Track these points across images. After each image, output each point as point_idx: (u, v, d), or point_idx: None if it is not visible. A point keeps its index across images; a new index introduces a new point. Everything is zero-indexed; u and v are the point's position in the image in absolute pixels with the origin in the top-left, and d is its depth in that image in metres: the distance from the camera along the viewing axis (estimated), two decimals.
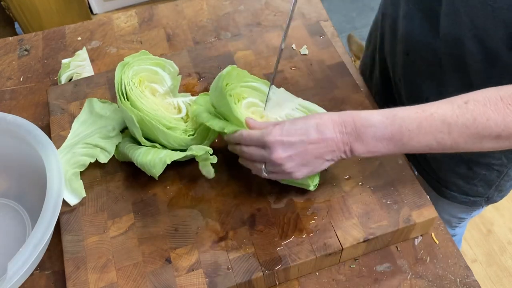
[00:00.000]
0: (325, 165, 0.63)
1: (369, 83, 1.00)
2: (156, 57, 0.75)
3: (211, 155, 0.66)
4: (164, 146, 0.70)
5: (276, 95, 0.74)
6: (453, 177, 0.87)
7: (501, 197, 0.91)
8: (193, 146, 0.68)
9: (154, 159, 0.66)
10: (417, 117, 0.57)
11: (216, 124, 0.67)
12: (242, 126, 0.66)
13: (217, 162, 0.72)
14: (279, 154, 0.60)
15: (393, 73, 0.88)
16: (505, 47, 0.61)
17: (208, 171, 0.69)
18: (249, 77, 0.72)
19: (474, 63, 0.67)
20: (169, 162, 0.65)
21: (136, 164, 0.70)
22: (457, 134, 0.56)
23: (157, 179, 0.68)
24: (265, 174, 0.65)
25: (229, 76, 0.67)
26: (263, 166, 0.64)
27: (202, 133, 0.71)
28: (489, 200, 0.90)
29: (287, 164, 0.61)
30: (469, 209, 0.94)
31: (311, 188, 0.69)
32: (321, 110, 0.71)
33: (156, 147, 0.70)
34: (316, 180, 0.69)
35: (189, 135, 0.70)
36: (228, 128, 0.66)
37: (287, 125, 0.62)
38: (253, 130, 0.64)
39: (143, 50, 0.75)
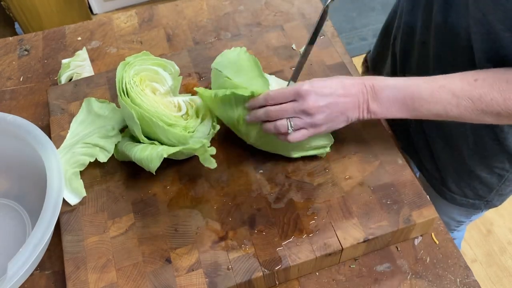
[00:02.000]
0: (345, 122, 0.67)
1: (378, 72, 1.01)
2: (157, 57, 0.75)
3: (208, 147, 0.67)
4: (164, 143, 0.70)
5: (272, 81, 0.76)
6: (454, 178, 0.87)
7: (501, 202, 0.90)
8: (191, 140, 0.68)
9: (151, 154, 0.66)
10: (429, 86, 0.63)
11: (241, 90, 0.66)
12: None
13: (217, 162, 0.72)
14: (314, 102, 0.63)
15: (404, 63, 0.88)
16: None
17: (209, 163, 0.68)
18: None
19: (481, 60, 0.68)
20: (165, 156, 0.65)
21: (134, 161, 0.70)
22: (463, 107, 0.62)
23: (154, 173, 0.67)
24: (290, 130, 0.66)
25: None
26: (289, 122, 0.65)
27: (202, 129, 0.71)
28: (489, 204, 0.90)
29: (318, 115, 0.64)
30: (468, 212, 0.94)
31: (328, 149, 0.72)
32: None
33: (155, 144, 0.70)
34: (332, 140, 0.71)
35: (189, 132, 0.70)
36: (257, 90, 0.66)
37: (316, 81, 0.65)
38: (281, 89, 0.66)
39: (145, 51, 0.75)
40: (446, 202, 0.92)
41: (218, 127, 0.73)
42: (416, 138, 0.90)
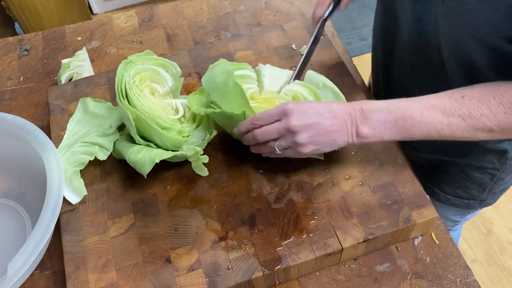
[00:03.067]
0: (332, 146, 0.66)
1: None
2: (160, 57, 0.75)
3: (201, 155, 0.67)
4: (159, 146, 0.70)
5: (267, 71, 0.77)
6: (446, 179, 0.87)
7: (495, 200, 0.90)
8: (184, 146, 0.68)
9: (144, 158, 0.66)
10: (420, 106, 0.62)
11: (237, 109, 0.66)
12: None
13: (217, 162, 0.72)
14: (297, 120, 0.63)
15: (388, 74, 0.88)
16: (486, 64, 0.63)
17: (201, 171, 0.69)
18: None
19: (455, 76, 0.69)
20: (157, 161, 0.65)
21: (128, 162, 0.70)
22: (454, 126, 0.61)
23: (146, 177, 0.68)
24: (278, 151, 0.66)
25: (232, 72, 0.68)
26: (276, 143, 0.66)
27: (198, 134, 0.71)
28: (483, 203, 0.90)
29: (301, 135, 0.63)
30: (463, 211, 0.94)
31: (322, 156, 0.72)
32: (313, 73, 0.76)
33: (150, 146, 0.70)
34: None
35: (183, 137, 0.70)
36: (248, 111, 0.66)
37: (301, 103, 0.65)
38: (266, 110, 0.66)
39: (148, 50, 0.75)
40: (440, 204, 0.92)
41: (214, 132, 0.73)
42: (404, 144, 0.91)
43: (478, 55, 0.62)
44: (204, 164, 0.69)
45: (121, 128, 0.78)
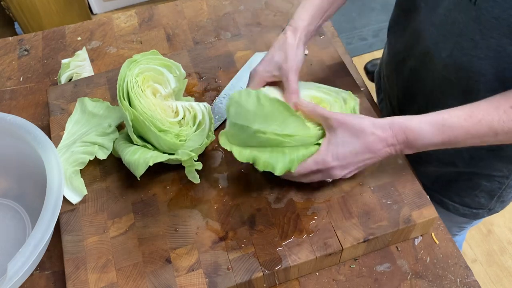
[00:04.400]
0: (378, 161, 0.66)
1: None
2: (165, 58, 0.75)
3: (196, 161, 0.67)
4: (156, 147, 0.70)
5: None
6: (454, 188, 0.86)
7: (502, 208, 0.90)
8: (179, 151, 0.68)
9: (139, 159, 0.66)
10: (465, 125, 0.60)
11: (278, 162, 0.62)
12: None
13: (217, 162, 0.72)
14: (340, 173, 0.65)
15: (391, 81, 0.88)
16: None
17: (193, 177, 0.69)
18: None
19: (484, 86, 0.67)
20: (151, 164, 0.65)
21: (123, 162, 0.70)
22: (502, 137, 0.60)
23: (139, 179, 0.68)
24: (328, 180, 0.70)
25: None
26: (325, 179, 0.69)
27: (196, 139, 0.71)
28: (491, 212, 0.89)
29: (347, 175, 0.66)
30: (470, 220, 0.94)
31: None
32: (326, 87, 0.74)
33: (147, 147, 0.70)
34: None
35: (180, 140, 0.70)
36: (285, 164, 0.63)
37: (340, 149, 0.63)
38: (305, 163, 0.64)
39: (154, 50, 0.75)
40: (448, 212, 0.91)
41: (213, 137, 0.72)
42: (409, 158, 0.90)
43: None
44: (197, 170, 0.68)
45: (121, 127, 0.78)
